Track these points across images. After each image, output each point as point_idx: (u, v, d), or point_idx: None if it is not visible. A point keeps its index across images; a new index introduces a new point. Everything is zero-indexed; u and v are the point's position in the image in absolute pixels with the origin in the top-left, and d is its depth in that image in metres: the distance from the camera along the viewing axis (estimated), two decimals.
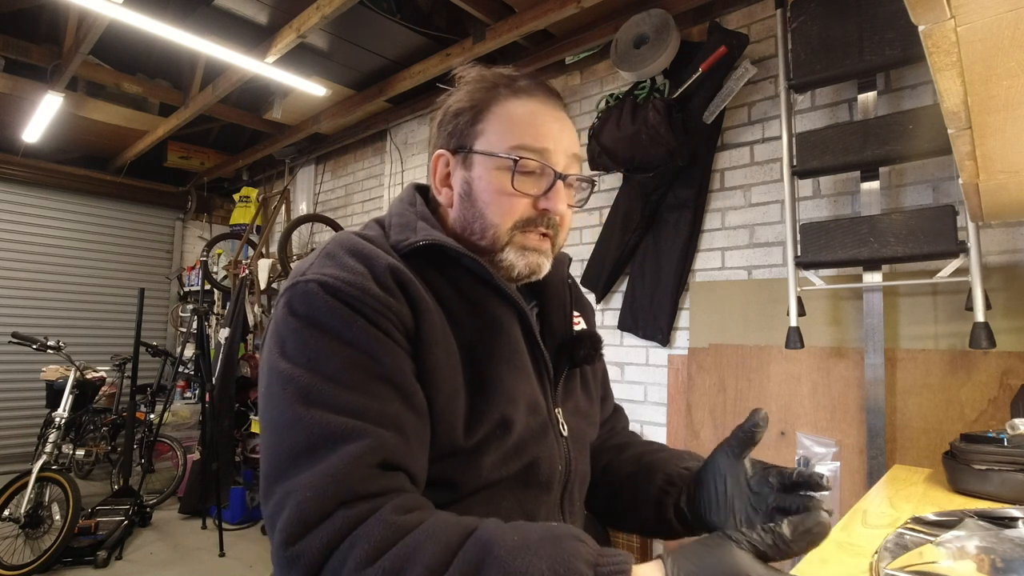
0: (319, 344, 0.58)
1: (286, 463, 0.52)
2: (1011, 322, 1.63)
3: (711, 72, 2.22)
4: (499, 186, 0.70)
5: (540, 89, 0.74)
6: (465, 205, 0.72)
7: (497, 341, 0.69)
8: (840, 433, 1.88)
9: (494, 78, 0.73)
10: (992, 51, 0.57)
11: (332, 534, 0.48)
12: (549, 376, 0.75)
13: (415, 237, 0.68)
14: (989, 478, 1.04)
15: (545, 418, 0.71)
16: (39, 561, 2.75)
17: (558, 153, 0.71)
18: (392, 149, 3.81)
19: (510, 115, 0.71)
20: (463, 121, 0.72)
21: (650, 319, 2.41)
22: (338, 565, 0.47)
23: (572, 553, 0.48)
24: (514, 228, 0.71)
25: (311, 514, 0.49)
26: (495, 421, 0.65)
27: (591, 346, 0.80)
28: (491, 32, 2.70)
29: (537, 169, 0.70)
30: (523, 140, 0.69)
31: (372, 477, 0.52)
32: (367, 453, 0.52)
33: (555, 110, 0.74)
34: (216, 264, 5.00)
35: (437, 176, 0.75)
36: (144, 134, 4.30)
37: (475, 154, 0.71)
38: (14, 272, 4.67)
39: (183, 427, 4.33)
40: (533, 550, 0.47)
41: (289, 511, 0.50)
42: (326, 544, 0.48)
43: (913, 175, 1.86)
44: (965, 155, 0.86)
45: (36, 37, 3.47)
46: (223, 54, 2.84)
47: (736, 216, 2.26)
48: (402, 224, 0.71)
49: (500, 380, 0.67)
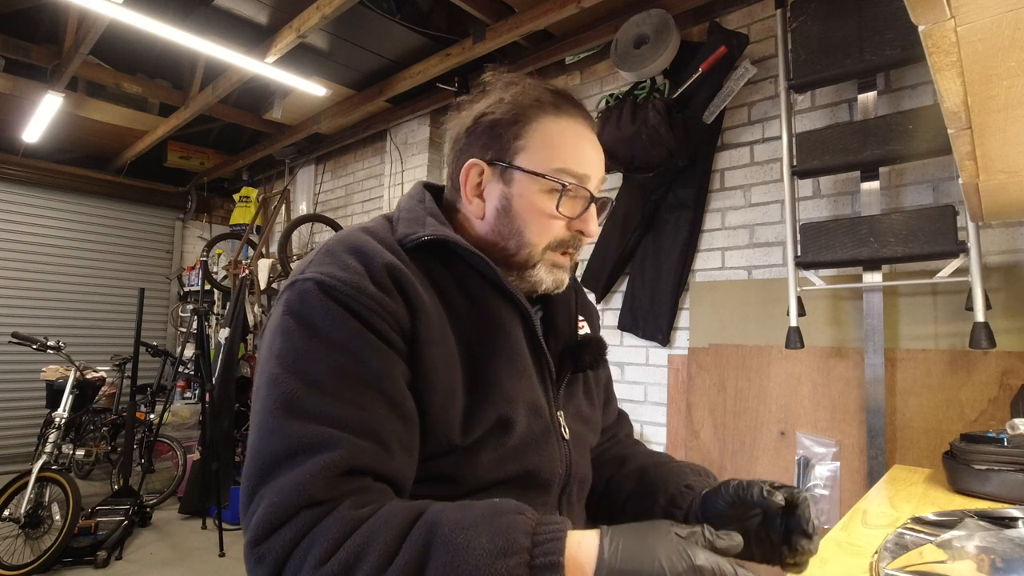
0: (308, 346, 0.59)
1: (267, 468, 0.55)
2: (1011, 322, 1.63)
3: (711, 72, 2.22)
4: (541, 207, 0.70)
5: (579, 110, 0.74)
6: (502, 220, 0.72)
7: (498, 341, 0.69)
8: (840, 433, 1.88)
9: (536, 92, 0.72)
10: (992, 51, 0.57)
11: (294, 534, 0.51)
12: (552, 379, 0.75)
13: (422, 232, 0.68)
14: (989, 478, 1.04)
15: (547, 421, 0.71)
16: (39, 561, 2.75)
17: (594, 179, 0.73)
18: (392, 149, 3.81)
19: (554, 134, 0.71)
20: (502, 132, 0.71)
21: (650, 319, 2.41)
22: (299, 562, 0.50)
23: (511, 525, 0.49)
24: (548, 247, 0.72)
25: (277, 516, 0.52)
26: (493, 421, 0.65)
27: (596, 351, 0.80)
28: (491, 32, 2.70)
29: (576, 193, 0.72)
30: (567, 164, 0.70)
31: (337, 483, 0.53)
32: (338, 462, 0.54)
33: (592, 133, 0.75)
34: (216, 264, 5.00)
35: (468, 185, 0.73)
36: (144, 134, 4.30)
37: (516, 170, 0.70)
38: (14, 272, 4.67)
39: (183, 427, 4.33)
40: (474, 526, 0.49)
41: (259, 514, 0.52)
42: (289, 542, 0.51)
43: (913, 175, 1.86)
44: (965, 155, 0.86)
45: (36, 37, 3.47)
46: (223, 54, 2.84)
47: (736, 216, 2.26)
48: (410, 219, 0.71)
49: (499, 380, 0.67)
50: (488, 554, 0.47)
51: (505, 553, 0.47)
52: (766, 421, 2.02)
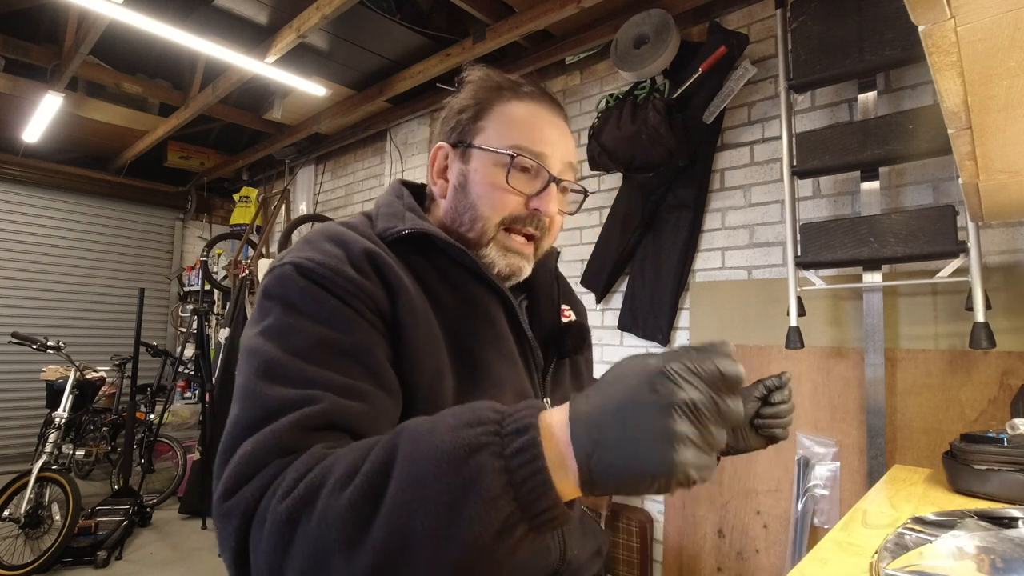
0: (289, 323, 0.58)
1: (245, 431, 0.52)
2: (1011, 322, 1.63)
3: (711, 72, 2.22)
4: (493, 180, 0.71)
5: (544, 96, 0.76)
6: (458, 196, 0.74)
7: (483, 328, 0.70)
8: (840, 433, 1.88)
9: (499, 80, 0.75)
10: (992, 51, 0.57)
11: (264, 482, 0.48)
12: (537, 366, 0.76)
13: (402, 225, 0.69)
14: (989, 478, 1.04)
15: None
16: (39, 561, 2.75)
17: (554, 158, 0.73)
18: (392, 149, 3.81)
19: (511, 115, 0.73)
20: (465, 117, 0.74)
21: (650, 319, 2.41)
22: (267, 502, 0.47)
23: (478, 406, 0.45)
24: (502, 224, 0.72)
25: (249, 466, 0.49)
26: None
27: (578, 336, 0.81)
28: (491, 32, 2.70)
29: (532, 169, 0.72)
30: (521, 141, 0.71)
31: (315, 436, 0.51)
32: (317, 414, 0.51)
33: (556, 118, 0.76)
34: (216, 264, 5.00)
35: (435, 167, 0.77)
36: (144, 134, 4.30)
37: (474, 148, 0.73)
38: (14, 272, 4.67)
39: (183, 427, 4.33)
40: (440, 417, 0.45)
41: (231, 467, 0.50)
42: (258, 491, 0.47)
43: (913, 175, 1.86)
44: (965, 155, 0.86)
45: (36, 37, 3.47)
46: (223, 54, 2.84)
47: (736, 216, 2.26)
48: (389, 214, 0.72)
49: (488, 365, 0.67)
50: (452, 428, 0.43)
51: (471, 424, 0.43)
52: None
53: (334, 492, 0.44)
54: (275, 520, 0.45)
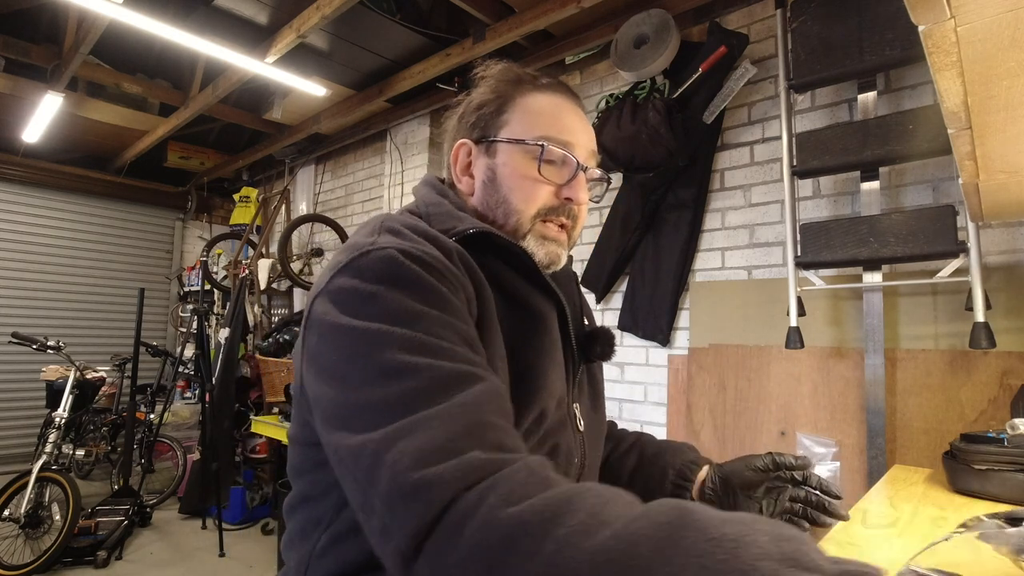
0: (407, 304, 0.53)
1: (397, 407, 0.47)
2: (1011, 322, 1.63)
3: (711, 72, 2.22)
4: (524, 171, 0.71)
5: (562, 87, 0.76)
6: (488, 191, 0.73)
7: (541, 335, 0.69)
8: (840, 433, 1.88)
9: (519, 72, 0.75)
10: (992, 51, 0.57)
11: (468, 469, 0.43)
12: (573, 371, 0.75)
13: (463, 226, 0.66)
14: (989, 478, 1.04)
15: (565, 412, 0.72)
16: (39, 561, 2.75)
17: (580, 147, 0.73)
18: (392, 149, 3.81)
19: (535, 107, 0.73)
20: (487, 112, 0.74)
21: (650, 319, 2.41)
22: (476, 499, 0.41)
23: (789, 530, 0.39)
24: (536, 215, 0.72)
25: (444, 445, 0.44)
26: (536, 414, 0.64)
27: (606, 342, 0.80)
28: (491, 32, 2.70)
29: (560, 159, 0.72)
30: (548, 132, 0.71)
31: (505, 429, 0.48)
32: (494, 397, 0.49)
33: (577, 107, 0.76)
34: (216, 264, 4.99)
35: (458, 165, 0.76)
36: (144, 134, 4.30)
37: (499, 142, 0.72)
38: (14, 272, 4.67)
39: (183, 427, 4.33)
40: (741, 520, 0.39)
41: (418, 437, 0.44)
42: (461, 478, 0.42)
43: (913, 175, 1.86)
44: (965, 155, 0.86)
45: (36, 37, 3.47)
46: (223, 54, 2.84)
47: (736, 216, 2.26)
48: (442, 213, 0.70)
49: (544, 374, 0.66)
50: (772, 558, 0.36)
51: (796, 564, 0.36)
52: (766, 421, 2.02)
53: (582, 533, 0.39)
54: (495, 523, 0.40)
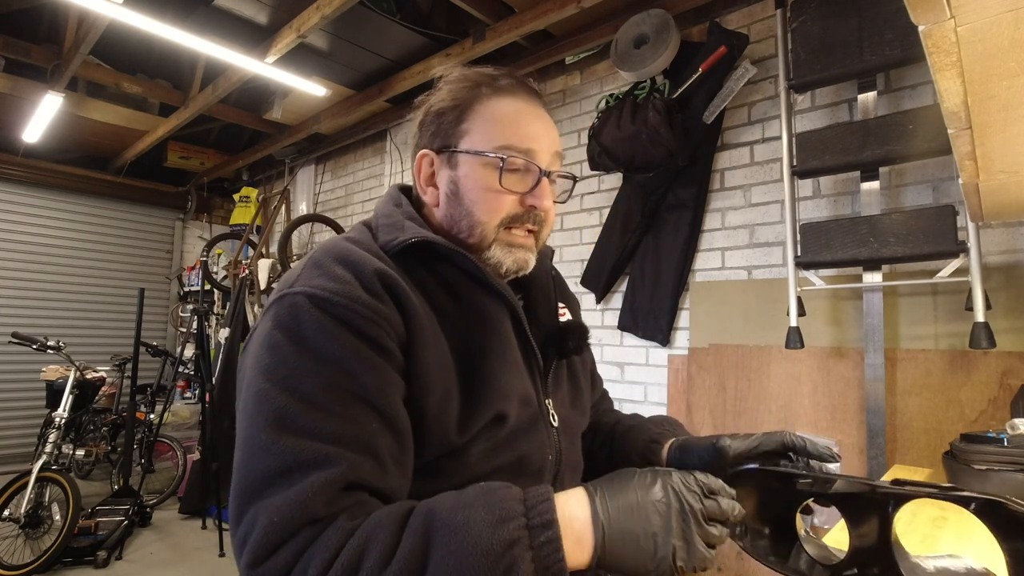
0: (299, 361, 0.57)
1: (260, 484, 0.53)
2: (1011, 322, 1.63)
3: (711, 72, 2.22)
4: (486, 184, 0.71)
5: (522, 88, 0.75)
6: (452, 203, 0.73)
7: (489, 338, 0.69)
8: (840, 433, 1.88)
9: (476, 77, 0.74)
10: (992, 51, 0.57)
11: (295, 552, 0.50)
12: (539, 368, 0.76)
13: (403, 236, 0.68)
14: (989, 478, 1.04)
15: (535, 410, 0.72)
16: (39, 561, 2.75)
17: (542, 152, 0.72)
18: (392, 149, 3.81)
19: (494, 114, 0.72)
20: (447, 121, 0.73)
21: (650, 319, 2.41)
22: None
23: (504, 496, 0.53)
24: (501, 225, 0.72)
25: (278, 535, 0.51)
26: (489, 418, 0.65)
27: (578, 336, 0.81)
28: (491, 32, 2.70)
29: (523, 167, 0.71)
30: (509, 140, 0.70)
31: (336, 499, 0.53)
32: (337, 478, 0.53)
33: (537, 108, 0.75)
34: (216, 264, 5.00)
35: (422, 176, 0.75)
36: (144, 134, 4.30)
37: (461, 153, 0.72)
38: (14, 272, 4.67)
39: (183, 427, 4.33)
40: (470, 505, 0.52)
41: (257, 533, 0.51)
42: (290, 561, 0.50)
43: (913, 175, 1.86)
44: (965, 155, 0.86)
45: (36, 37, 3.47)
46: (223, 54, 2.84)
47: (736, 216, 2.26)
48: (390, 224, 0.71)
49: (494, 377, 0.67)
50: (488, 524, 0.50)
51: (503, 519, 0.51)
52: (766, 421, 2.02)
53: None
54: None
